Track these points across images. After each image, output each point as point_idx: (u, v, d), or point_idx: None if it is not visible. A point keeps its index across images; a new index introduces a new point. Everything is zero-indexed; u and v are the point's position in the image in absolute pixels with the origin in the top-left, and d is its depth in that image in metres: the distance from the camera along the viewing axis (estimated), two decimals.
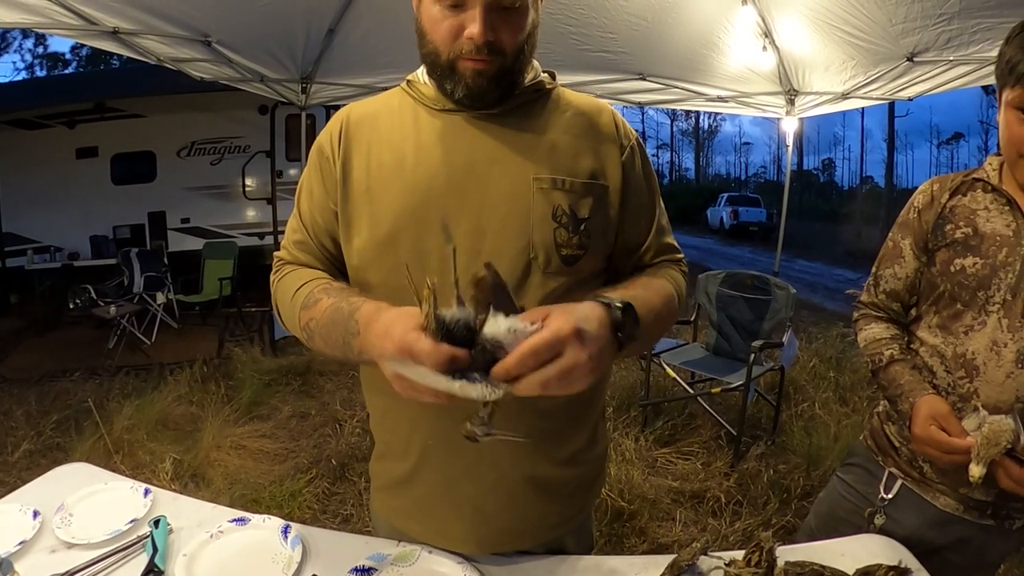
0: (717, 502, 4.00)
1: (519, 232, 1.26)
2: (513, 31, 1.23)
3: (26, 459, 4.42)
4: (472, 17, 1.18)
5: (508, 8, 1.20)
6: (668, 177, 61.38)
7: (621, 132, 1.39)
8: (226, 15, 4.87)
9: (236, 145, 10.50)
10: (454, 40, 1.21)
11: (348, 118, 1.38)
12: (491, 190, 1.27)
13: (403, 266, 1.07)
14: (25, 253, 9.96)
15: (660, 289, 1.33)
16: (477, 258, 1.18)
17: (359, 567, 1.29)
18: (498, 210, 1.26)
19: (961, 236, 1.57)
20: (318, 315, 1.23)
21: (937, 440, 1.46)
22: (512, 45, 1.24)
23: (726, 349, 5.32)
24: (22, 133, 10.02)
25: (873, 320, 1.81)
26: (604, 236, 1.35)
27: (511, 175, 1.28)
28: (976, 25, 4.32)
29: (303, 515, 3.75)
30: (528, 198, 1.27)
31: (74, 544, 1.36)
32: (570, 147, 1.32)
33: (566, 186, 1.29)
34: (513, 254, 1.25)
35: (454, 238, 1.18)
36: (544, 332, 0.95)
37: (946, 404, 1.52)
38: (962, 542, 1.61)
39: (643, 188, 1.41)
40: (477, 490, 1.35)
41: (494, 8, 1.19)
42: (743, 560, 1.32)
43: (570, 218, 1.28)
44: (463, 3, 1.18)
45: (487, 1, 1.17)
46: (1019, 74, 1.39)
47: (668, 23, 5.41)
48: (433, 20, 1.23)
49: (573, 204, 1.29)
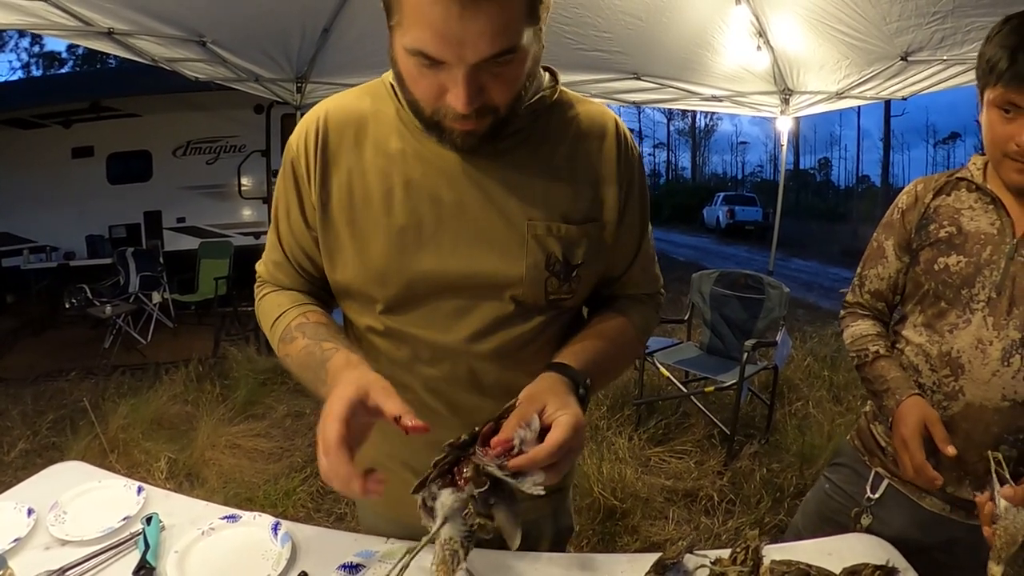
0: (710, 501, 4.01)
1: (509, 280, 1.22)
2: (508, 84, 1.06)
3: (22, 458, 4.42)
4: (454, 81, 1.01)
5: (505, 63, 1.02)
6: (664, 176, 61.43)
7: (623, 160, 1.29)
8: (221, 15, 4.87)
9: (232, 144, 10.48)
10: (436, 100, 1.06)
11: (326, 126, 1.25)
12: (484, 234, 1.21)
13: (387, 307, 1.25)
14: (21, 253, 9.94)
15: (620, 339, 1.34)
16: (465, 302, 1.23)
17: (347, 564, 1.30)
18: (490, 257, 1.21)
19: (945, 235, 1.58)
20: (293, 354, 1.24)
21: (915, 456, 1.48)
22: (507, 99, 1.08)
23: (720, 348, 5.33)
24: (18, 132, 10.01)
25: (859, 317, 1.82)
26: (594, 275, 1.32)
27: (505, 218, 1.20)
28: (970, 24, 4.34)
29: (297, 514, 3.75)
30: (522, 245, 1.21)
31: (68, 541, 1.37)
32: (569, 184, 1.24)
33: (561, 232, 1.22)
34: (501, 301, 1.24)
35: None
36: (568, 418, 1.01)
37: (934, 411, 1.52)
38: (949, 542, 1.60)
39: (636, 220, 1.35)
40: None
41: (478, 69, 1.00)
42: (729, 559, 1.31)
43: (563, 266, 1.24)
44: (441, 65, 1.00)
45: (470, 65, 0.99)
46: (999, 73, 1.39)
47: (662, 22, 5.42)
48: (410, 74, 1.06)
49: (567, 251, 1.23)
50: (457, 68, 0.98)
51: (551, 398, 1.05)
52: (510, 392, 1.25)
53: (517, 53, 1.01)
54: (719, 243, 24.26)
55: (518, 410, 1.03)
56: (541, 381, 1.12)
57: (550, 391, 1.08)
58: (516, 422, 1.00)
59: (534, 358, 1.28)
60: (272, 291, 1.39)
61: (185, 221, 10.54)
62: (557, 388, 1.09)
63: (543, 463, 0.96)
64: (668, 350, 5.38)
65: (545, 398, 1.05)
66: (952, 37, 4.54)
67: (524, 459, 0.96)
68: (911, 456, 1.49)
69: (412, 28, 0.97)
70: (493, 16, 0.94)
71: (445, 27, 0.93)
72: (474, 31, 0.94)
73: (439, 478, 0.98)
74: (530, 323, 1.27)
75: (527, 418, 1.00)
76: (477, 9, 0.92)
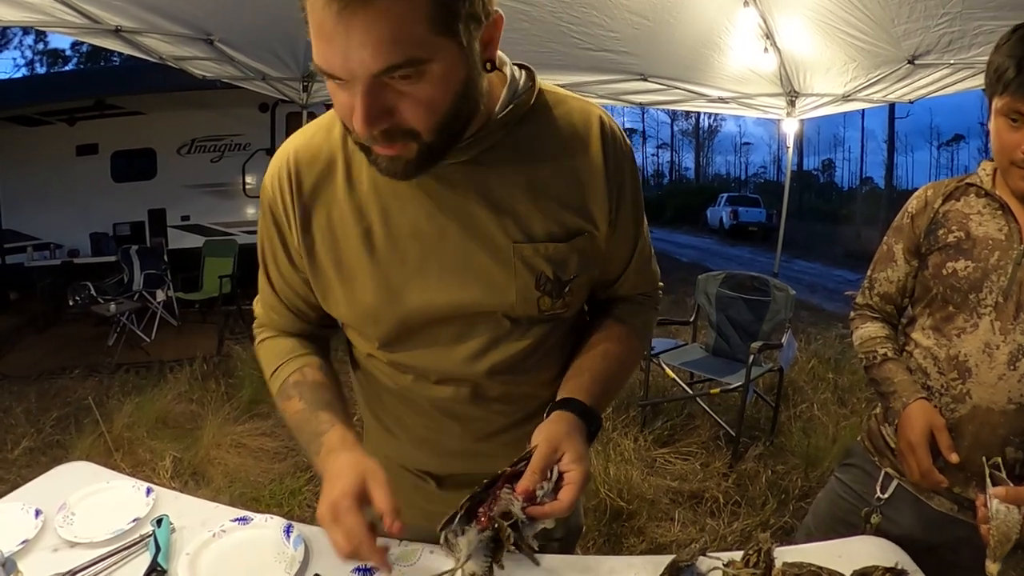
0: (715, 502, 4.00)
1: (500, 303, 1.19)
2: (422, 106, 0.93)
3: (26, 456, 4.42)
4: (354, 100, 0.91)
5: (408, 78, 0.90)
6: (668, 177, 61.51)
7: (611, 162, 1.20)
8: (228, 14, 4.87)
9: (236, 143, 10.48)
10: (349, 120, 0.95)
11: (297, 167, 1.19)
12: (469, 260, 1.16)
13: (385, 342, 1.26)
14: (25, 250, 9.96)
15: (624, 353, 1.35)
16: (461, 328, 1.22)
17: (362, 566, 1.29)
18: (477, 283, 1.17)
19: (954, 240, 1.60)
20: (289, 413, 1.25)
21: (923, 461, 1.52)
22: (427, 123, 0.95)
23: (725, 350, 5.32)
24: (22, 130, 10.02)
25: (869, 320, 1.84)
26: (589, 283, 1.29)
27: (488, 242, 1.15)
28: (978, 28, 4.32)
29: (303, 513, 3.74)
30: (509, 268, 1.16)
31: (76, 543, 1.36)
32: (555, 200, 1.17)
33: (549, 251, 1.17)
34: (493, 323, 1.22)
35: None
36: (580, 475, 1.06)
37: (940, 417, 1.55)
38: (958, 542, 1.61)
39: (629, 222, 1.29)
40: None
41: (382, 86, 0.90)
42: (741, 561, 1.32)
43: (554, 284, 1.20)
44: (340, 82, 0.91)
45: (365, 81, 0.88)
46: (1007, 81, 1.41)
47: (670, 23, 5.40)
48: (331, 93, 0.97)
49: (558, 269, 1.19)
50: (356, 84, 0.89)
51: (568, 447, 1.08)
52: (516, 401, 1.29)
53: (423, 68, 0.89)
54: (723, 244, 24.25)
55: (538, 457, 1.06)
56: (557, 423, 1.13)
57: (567, 437, 1.10)
58: (538, 470, 1.05)
59: (539, 366, 1.30)
60: (269, 337, 1.39)
61: (189, 219, 10.54)
62: (572, 433, 1.11)
63: (559, 516, 1.04)
64: (673, 351, 5.37)
65: (563, 446, 1.08)
66: (960, 41, 4.53)
67: (545, 511, 1.03)
68: (918, 461, 1.53)
69: (314, 39, 0.89)
70: (373, 23, 0.83)
71: (330, 35, 0.85)
72: (356, 41, 0.84)
73: (465, 516, 1.04)
74: (528, 336, 1.26)
75: (547, 467, 1.06)
76: (353, 14, 0.83)
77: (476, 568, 1.01)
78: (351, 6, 0.82)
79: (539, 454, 1.06)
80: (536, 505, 1.04)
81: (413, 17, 0.85)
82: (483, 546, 1.02)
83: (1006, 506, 1.31)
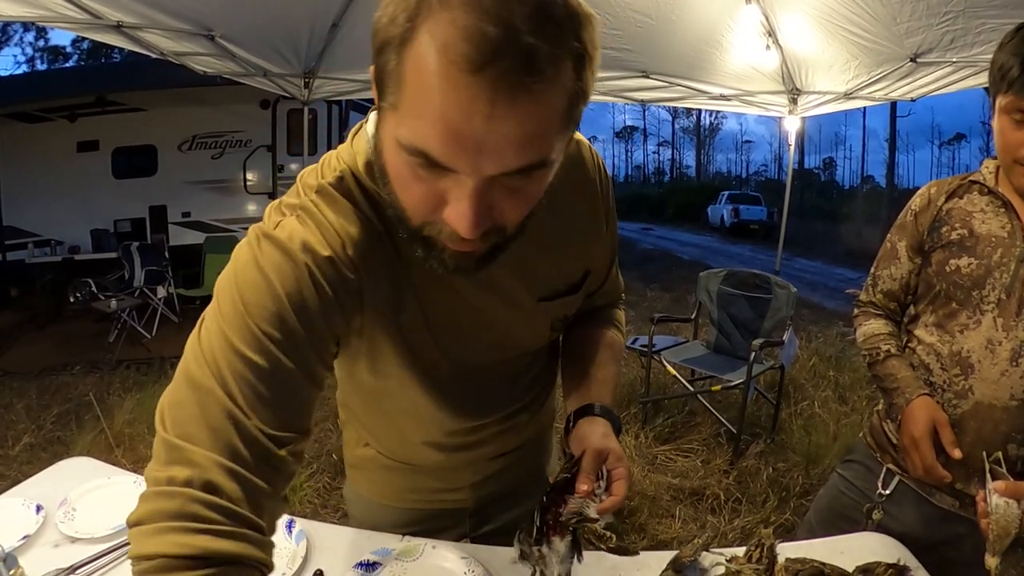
0: (716, 499, 4.01)
1: (520, 346, 1.27)
2: (523, 203, 0.84)
3: (27, 452, 4.43)
4: (460, 194, 0.77)
5: (526, 176, 0.78)
6: (669, 174, 61.46)
7: (603, 193, 1.22)
8: (230, 9, 4.87)
9: (237, 139, 10.48)
10: (431, 213, 0.82)
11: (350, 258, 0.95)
12: (499, 320, 1.17)
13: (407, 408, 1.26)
14: (26, 246, 9.96)
15: (619, 354, 1.41)
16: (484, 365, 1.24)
17: (364, 562, 1.29)
18: (508, 337, 1.22)
19: (957, 237, 1.61)
20: None
21: (926, 456, 1.55)
22: (518, 219, 0.86)
23: (726, 347, 5.32)
24: (23, 126, 10.02)
25: (872, 316, 1.86)
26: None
27: (519, 308, 1.17)
28: (980, 26, 4.31)
29: (304, 509, 3.75)
30: (533, 321, 1.23)
31: (78, 539, 1.37)
32: (568, 254, 1.19)
33: (567, 302, 1.25)
34: (510, 358, 1.28)
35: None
36: (626, 471, 1.13)
37: (943, 413, 1.57)
38: (959, 538, 1.62)
39: (611, 241, 1.34)
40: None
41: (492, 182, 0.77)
42: (744, 557, 1.33)
43: (564, 321, 1.30)
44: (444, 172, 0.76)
45: (484, 178, 0.76)
46: (1011, 80, 1.41)
47: (672, 20, 5.40)
48: (399, 174, 0.82)
49: (568, 311, 1.29)
50: (467, 179, 0.76)
51: (610, 448, 1.13)
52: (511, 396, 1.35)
53: (545, 168, 0.80)
54: (723, 242, 24.22)
55: (588, 461, 1.10)
56: (593, 428, 1.17)
57: (605, 440, 1.15)
58: (592, 472, 1.10)
59: (529, 371, 1.37)
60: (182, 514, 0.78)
61: (190, 216, 10.56)
62: (608, 435, 1.17)
63: (616, 508, 1.10)
64: (675, 348, 5.38)
65: (605, 448, 1.13)
66: (962, 39, 4.52)
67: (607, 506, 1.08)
68: (921, 456, 1.55)
69: (414, 119, 0.73)
70: (528, 119, 0.72)
71: (464, 126, 0.70)
72: (500, 136, 0.71)
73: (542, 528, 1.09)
74: (530, 358, 1.34)
75: (598, 469, 1.11)
76: (510, 108, 0.70)
77: (562, 570, 1.06)
78: (502, 107, 0.69)
79: (588, 459, 1.10)
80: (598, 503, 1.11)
81: (552, 116, 0.75)
82: (567, 553, 1.07)
83: (1005, 501, 1.32)
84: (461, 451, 1.36)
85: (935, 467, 1.54)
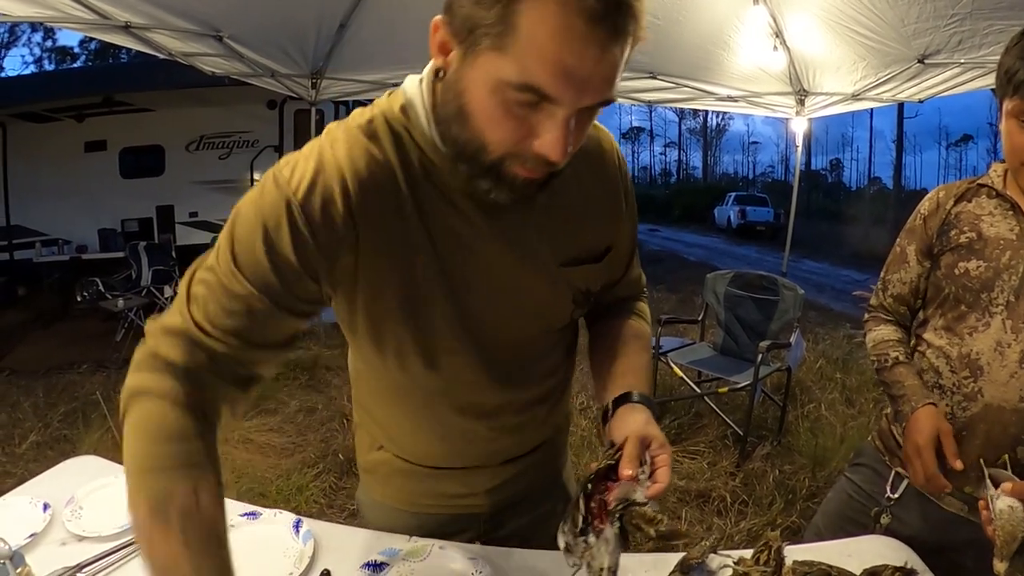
0: (723, 502, 3.99)
1: (541, 317, 1.26)
2: (582, 135, 0.99)
3: (33, 451, 4.44)
4: (550, 128, 0.91)
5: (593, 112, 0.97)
6: (675, 176, 61.33)
7: (623, 179, 1.30)
8: (238, 10, 4.89)
9: (245, 140, 10.53)
10: (516, 144, 0.94)
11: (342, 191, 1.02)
12: (524, 288, 1.19)
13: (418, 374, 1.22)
14: (33, 246, 10.02)
15: (646, 343, 1.40)
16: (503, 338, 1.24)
17: (371, 562, 1.29)
18: (532, 310, 1.23)
19: (965, 240, 1.60)
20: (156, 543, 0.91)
21: (928, 465, 1.54)
22: (575, 149, 0.98)
23: (733, 349, 5.31)
24: (31, 126, 10.07)
25: (882, 322, 1.86)
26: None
27: (543, 271, 1.19)
28: (988, 27, 4.31)
29: (310, 509, 3.75)
30: (555, 288, 1.23)
31: (85, 537, 1.37)
32: (591, 225, 1.24)
33: (589, 271, 1.26)
34: (532, 333, 1.28)
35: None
36: (669, 456, 1.12)
37: (948, 423, 1.57)
38: (967, 543, 1.60)
39: (632, 229, 1.38)
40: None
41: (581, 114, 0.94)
42: (752, 559, 1.33)
43: (585, 296, 1.29)
44: (541, 105, 0.90)
45: (573, 111, 0.91)
46: (1017, 83, 1.41)
47: (680, 21, 5.40)
48: (489, 113, 0.93)
49: (591, 284, 1.29)
50: (562, 111, 0.90)
51: (652, 435, 1.14)
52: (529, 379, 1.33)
53: (608, 104, 0.97)
54: (730, 243, 24.18)
55: (631, 447, 1.10)
56: (634, 416, 1.18)
57: (647, 427, 1.15)
58: (635, 458, 1.09)
59: (549, 355, 1.36)
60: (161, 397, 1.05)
61: (197, 216, 10.60)
62: (650, 422, 1.17)
63: (663, 494, 1.09)
64: (681, 350, 5.37)
65: (648, 435, 1.13)
66: (970, 40, 4.52)
67: (653, 492, 1.07)
68: (924, 465, 1.54)
69: (527, 59, 0.85)
70: (616, 61, 0.89)
71: (578, 66, 0.86)
72: (601, 75, 0.88)
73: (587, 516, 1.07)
74: (551, 338, 1.34)
75: (640, 457, 1.10)
76: (610, 52, 0.87)
77: (609, 561, 1.04)
78: (609, 51, 0.87)
79: (631, 445, 1.10)
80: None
81: (623, 60, 0.91)
82: (616, 541, 1.05)
83: (1010, 506, 1.31)
84: (477, 445, 1.36)
85: (936, 476, 1.54)
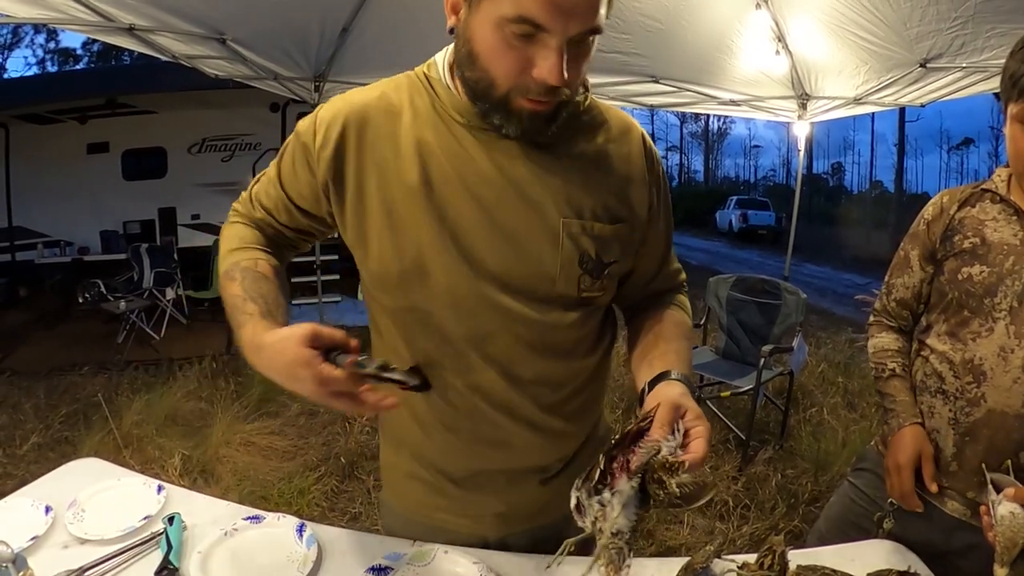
0: (725, 506, 3.99)
1: (545, 277, 1.23)
2: (580, 65, 1.09)
3: (34, 452, 4.44)
4: (546, 55, 1.03)
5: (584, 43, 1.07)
6: (677, 179, 61.20)
7: (650, 163, 1.32)
8: (241, 13, 4.89)
9: (247, 142, 10.52)
10: (518, 76, 1.07)
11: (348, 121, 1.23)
12: (520, 229, 1.20)
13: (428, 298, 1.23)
14: (35, 247, 10.04)
15: (686, 331, 1.40)
16: (506, 298, 1.22)
17: (375, 566, 1.29)
18: (528, 253, 1.21)
19: (969, 246, 1.60)
20: (228, 294, 1.26)
21: (906, 484, 1.61)
22: (578, 79, 1.10)
23: (735, 353, 5.30)
24: (33, 128, 10.09)
25: (885, 328, 1.87)
26: (622, 274, 1.35)
27: (539, 213, 1.20)
28: (990, 31, 4.31)
29: (312, 512, 3.75)
30: (557, 243, 1.21)
31: (87, 540, 1.36)
32: (601, 186, 1.25)
33: (594, 231, 1.23)
34: (538, 298, 1.24)
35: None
36: (706, 429, 1.08)
37: (930, 446, 1.62)
38: (970, 548, 1.60)
39: (665, 222, 1.38)
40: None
41: (570, 44, 1.04)
42: (755, 563, 1.33)
43: (595, 264, 1.25)
44: (536, 36, 1.02)
45: (571, 36, 1.03)
46: (1022, 88, 1.41)
47: (682, 25, 5.40)
48: (492, 48, 1.06)
49: (600, 250, 1.25)
50: (554, 39, 1.02)
51: (688, 405, 1.11)
52: (549, 385, 1.30)
53: (596, 35, 1.07)
54: (732, 247, 24.16)
55: (664, 411, 1.08)
56: (669, 388, 1.16)
57: (683, 397, 1.13)
58: (666, 423, 1.07)
59: (573, 351, 1.33)
60: (241, 222, 1.46)
61: (200, 218, 10.59)
62: (686, 394, 1.15)
63: (696, 466, 1.03)
64: None
65: (683, 405, 1.11)
66: (972, 44, 4.51)
67: (689, 460, 1.02)
68: (902, 483, 1.62)
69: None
70: None
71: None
72: (584, 4, 1.01)
73: (603, 476, 1.04)
74: (566, 318, 1.28)
75: (672, 422, 1.07)
76: None
77: (623, 524, 1.01)
78: None
79: (664, 409, 1.08)
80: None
81: None
82: (632, 499, 1.02)
83: (1011, 512, 1.32)
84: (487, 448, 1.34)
85: (911, 495, 1.60)
